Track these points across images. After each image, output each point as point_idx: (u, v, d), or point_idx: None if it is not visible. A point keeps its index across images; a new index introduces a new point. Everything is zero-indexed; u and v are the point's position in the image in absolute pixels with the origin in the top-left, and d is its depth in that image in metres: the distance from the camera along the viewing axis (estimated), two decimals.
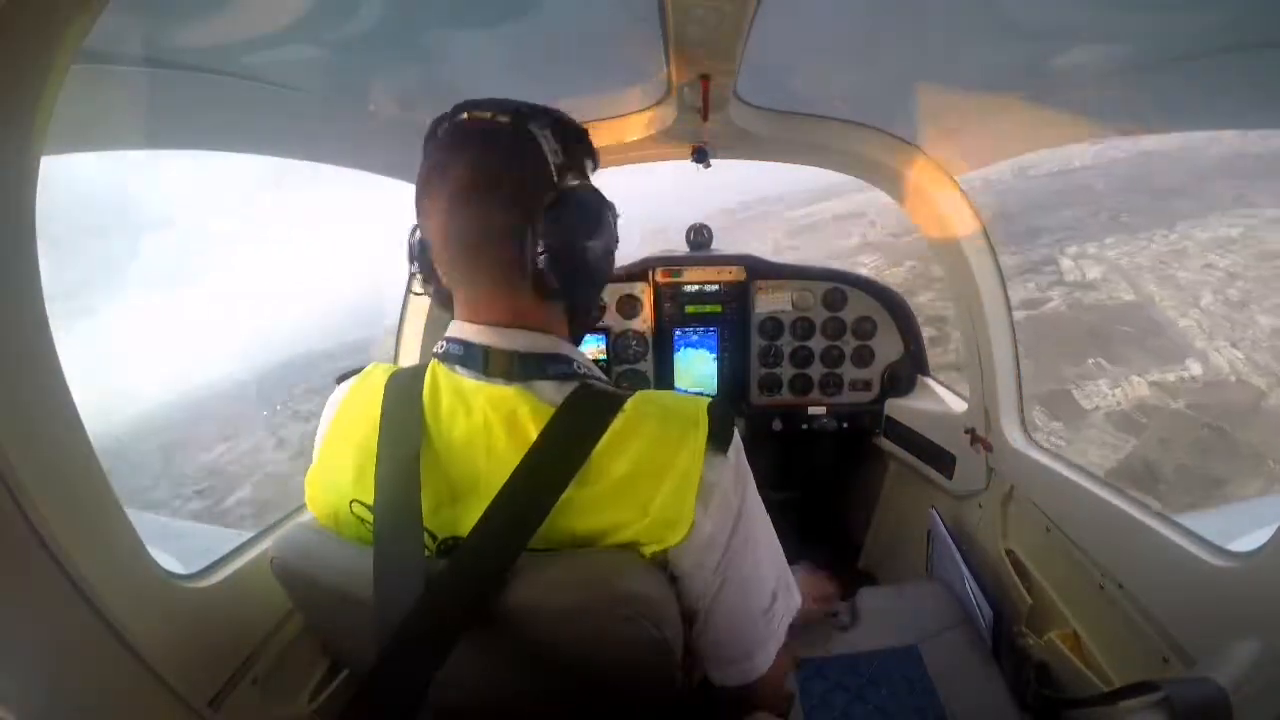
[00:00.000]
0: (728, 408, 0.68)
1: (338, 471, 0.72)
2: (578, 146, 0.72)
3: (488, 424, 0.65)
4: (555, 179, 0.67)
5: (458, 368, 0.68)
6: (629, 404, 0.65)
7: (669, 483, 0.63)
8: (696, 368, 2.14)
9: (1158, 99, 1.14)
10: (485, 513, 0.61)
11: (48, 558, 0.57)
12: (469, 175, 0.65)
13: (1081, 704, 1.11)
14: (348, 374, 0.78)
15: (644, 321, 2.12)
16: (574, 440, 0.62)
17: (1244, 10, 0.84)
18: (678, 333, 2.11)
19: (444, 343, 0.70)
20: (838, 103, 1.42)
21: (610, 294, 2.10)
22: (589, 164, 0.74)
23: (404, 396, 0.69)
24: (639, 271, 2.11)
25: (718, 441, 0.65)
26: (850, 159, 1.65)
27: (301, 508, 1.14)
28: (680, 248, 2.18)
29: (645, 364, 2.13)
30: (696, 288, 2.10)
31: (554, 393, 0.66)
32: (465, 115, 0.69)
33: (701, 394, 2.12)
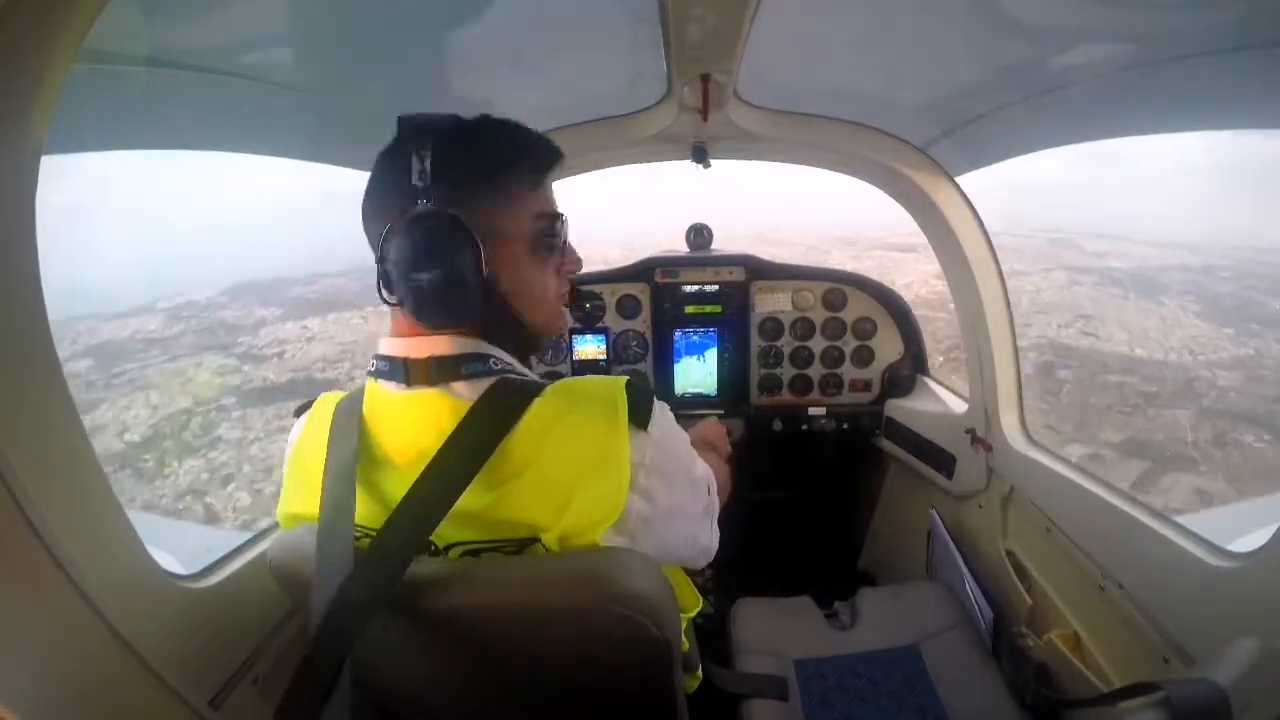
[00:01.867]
0: (644, 382, 0.70)
1: (298, 498, 0.74)
2: (476, 164, 0.69)
3: (417, 429, 0.67)
4: (410, 202, 0.65)
5: (383, 381, 0.70)
6: (545, 393, 0.67)
7: (597, 468, 0.64)
8: (696, 368, 2.14)
9: (1158, 99, 1.14)
10: (397, 505, 0.63)
11: (48, 558, 0.57)
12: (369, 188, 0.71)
13: (1081, 704, 1.11)
14: (303, 407, 0.80)
15: (644, 322, 2.12)
16: (484, 429, 0.64)
17: (1246, 10, 0.84)
18: (678, 333, 2.11)
19: (373, 360, 0.73)
20: (838, 103, 1.42)
21: (610, 294, 2.11)
22: (509, 177, 0.71)
23: (346, 417, 0.71)
24: (639, 272, 2.11)
25: (639, 418, 0.66)
26: (850, 159, 1.65)
27: None
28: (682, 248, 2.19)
29: (645, 364, 2.13)
30: (696, 288, 2.10)
31: (469, 390, 0.68)
32: (418, 127, 0.68)
33: (701, 395, 2.13)
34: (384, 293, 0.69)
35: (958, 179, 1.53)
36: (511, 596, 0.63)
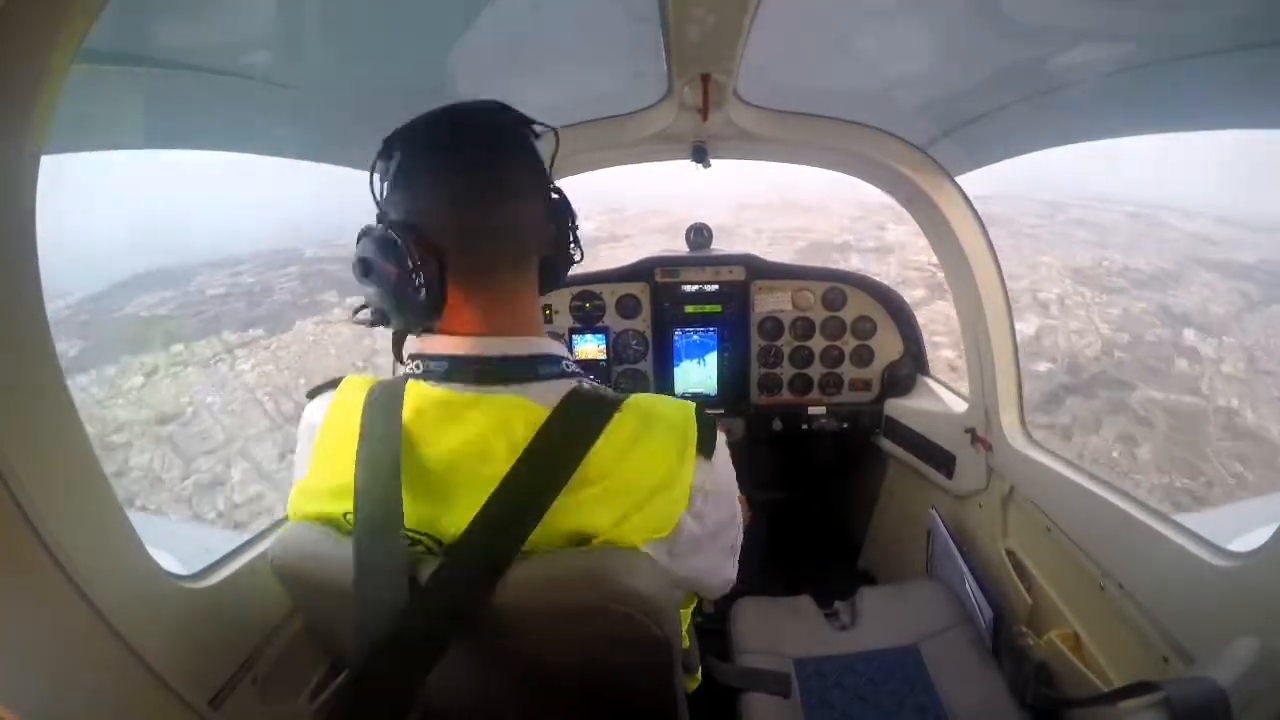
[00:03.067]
0: (708, 414, 0.71)
1: (322, 486, 0.71)
2: (551, 154, 0.76)
3: (482, 432, 0.65)
4: (548, 181, 0.72)
5: (444, 384, 0.67)
6: (623, 408, 0.66)
7: (664, 488, 0.66)
8: (696, 368, 2.14)
9: (1158, 99, 1.14)
10: (479, 514, 0.61)
11: (48, 558, 0.57)
12: (475, 173, 0.66)
13: (1081, 704, 1.11)
14: (320, 388, 0.78)
15: (644, 321, 2.12)
16: (568, 443, 0.63)
17: (1246, 9, 0.84)
18: (678, 333, 2.11)
19: (420, 361, 0.69)
20: (838, 102, 1.42)
21: (610, 294, 2.11)
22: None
23: (382, 410, 0.68)
24: (639, 271, 2.11)
25: (705, 448, 0.69)
26: (850, 159, 1.65)
27: None
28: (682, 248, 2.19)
29: (645, 364, 2.13)
30: (696, 287, 2.10)
31: (547, 394, 0.66)
32: (456, 115, 0.69)
33: (701, 394, 2.13)
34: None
35: (958, 179, 1.53)
36: (513, 595, 0.63)
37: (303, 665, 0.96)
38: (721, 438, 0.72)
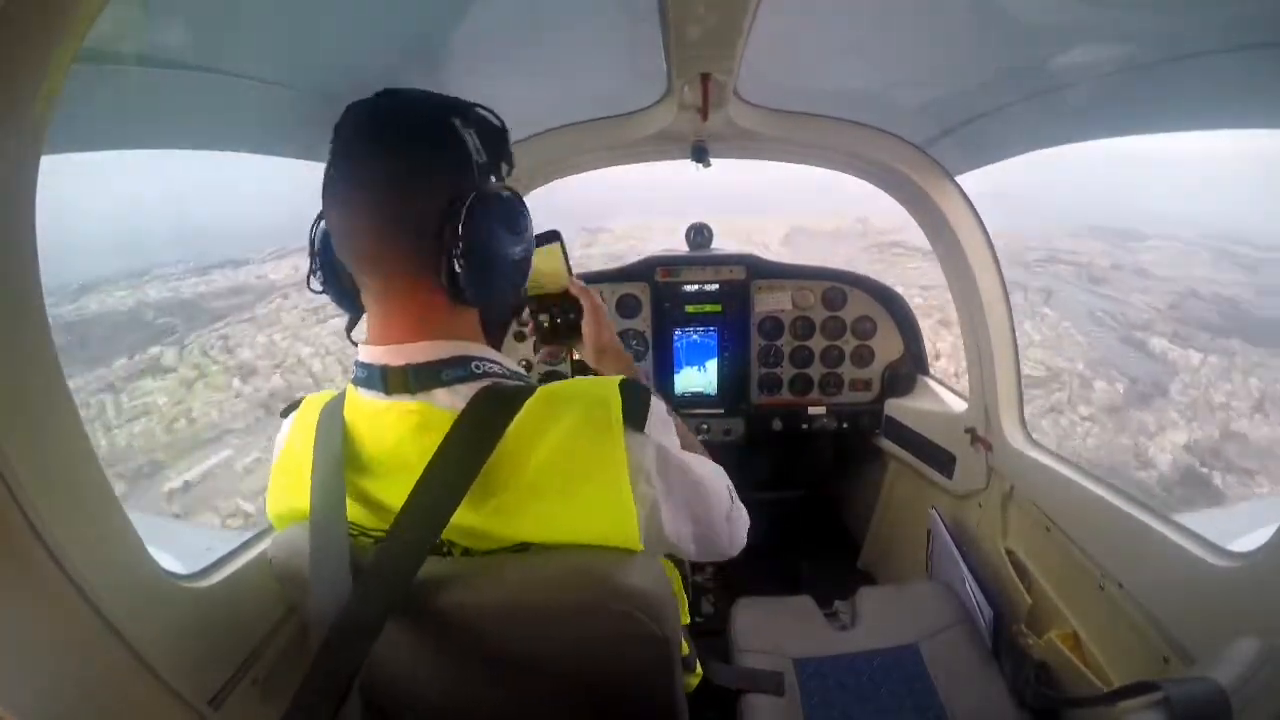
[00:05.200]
0: (638, 383, 0.68)
1: (287, 497, 0.75)
2: (499, 147, 0.72)
3: (398, 440, 0.66)
4: (476, 178, 0.66)
5: (363, 390, 0.69)
6: (533, 397, 0.65)
7: (597, 474, 0.63)
8: (696, 367, 2.14)
9: (1158, 99, 1.14)
10: (396, 517, 0.62)
11: (48, 558, 0.57)
12: (388, 166, 0.63)
13: (1081, 704, 1.11)
14: (290, 408, 0.81)
15: (644, 321, 2.12)
16: (469, 447, 0.62)
17: (1246, 10, 0.84)
18: (678, 332, 2.11)
19: (355, 366, 0.71)
20: (838, 102, 1.42)
21: (610, 294, 2.11)
22: (504, 167, 0.74)
23: (329, 422, 0.71)
24: (639, 271, 2.10)
25: (634, 419, 0.64)
26: (850, 159, 1.65)
27: None
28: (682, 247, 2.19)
29: (645, 364, 2.13)
30: (696, 287, 2.10)
31: (452, 399, 0.66)
32: (385, 102, 0.68)
33: (701, 394, 2.13)
34: (442, 275, 0.65)
35: (958, 178, 1.53)
36: (511, 594, 0.63)
37: (303, 665, 0.96)
38: (658, 404, 0.69)
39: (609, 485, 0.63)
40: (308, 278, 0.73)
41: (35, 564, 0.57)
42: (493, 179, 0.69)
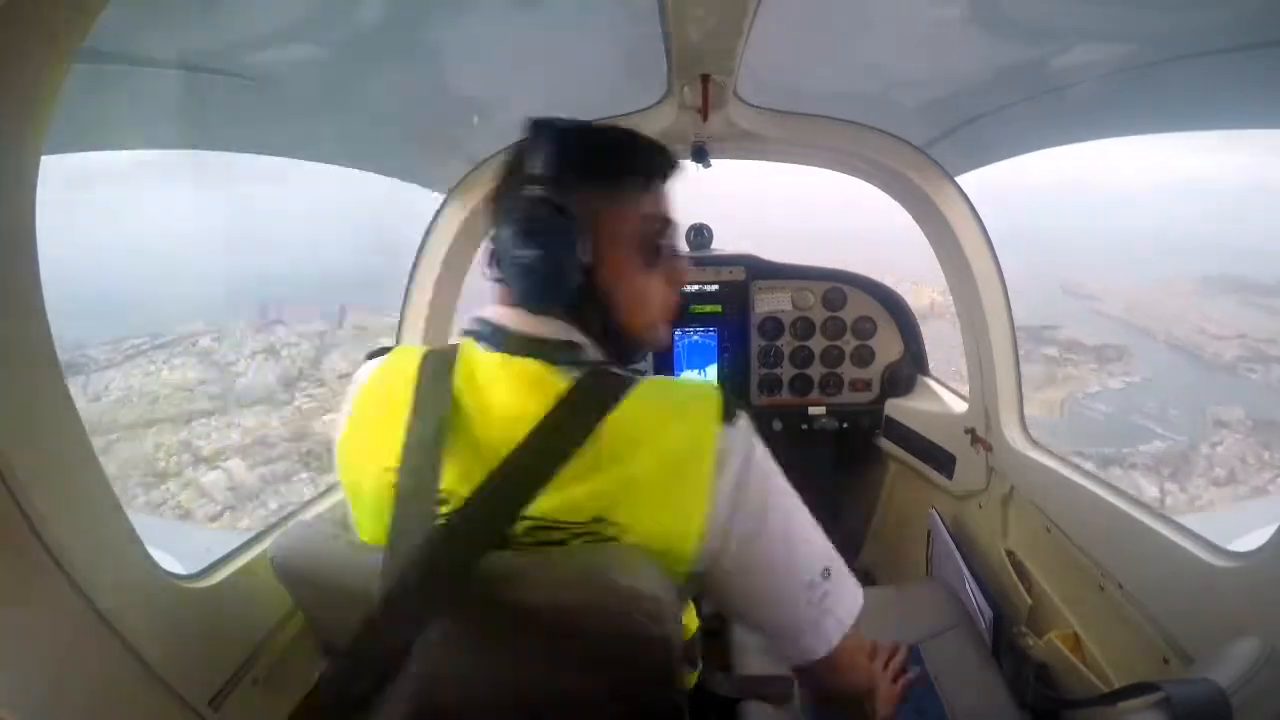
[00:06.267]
0: (733, 393, 0.70)
1: (368, 441, 0.72)
2: (587, 162, 0.72)
3: (508, 392, 0.67)
4: (518, 187, 0.69)
5: (480, 345, 0.71)
6: (639, 384, 0.67)
7: (685, 459, 0.64)
8: (696, 368, 2.14)
9: (1158, 99, 1.14)
10: (485, 478, 0.62)
11: (48, 558, 0.57)
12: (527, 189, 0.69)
13: (1081, 704, 1.11)
14: (376, 352, 0.80)
15: None
16: (580, 414, 0.64)
17: (1246, 10, 0.84)
18: (678, 333, 2.11)
19: (473, 321, 0.73)
20: (838, 103, 1.42)
21: None
22: (622, 180, 0.73)
23: (438, 370, 0.71)
24: None
25: (727, 415, 0.66)
26: (850, 159, 1.65)
27: (302, 506, 1.14)
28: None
29: (645, 364, 2.13)
30: (696, 288, 2.10)
31: (565, 373, 0.68)
32: (542, 126, 0.72)
33: None
34: (490, 269, 0.72)
35: (958, 179, 1.53)
36: (529, 596, 0.63)
37: (303, 665, 0.96)
38: (747, 417, 0.69)
39: (695, 454, 0.64)
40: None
41: (35, 564, 0.57)
42: (552, 193, 0.70)
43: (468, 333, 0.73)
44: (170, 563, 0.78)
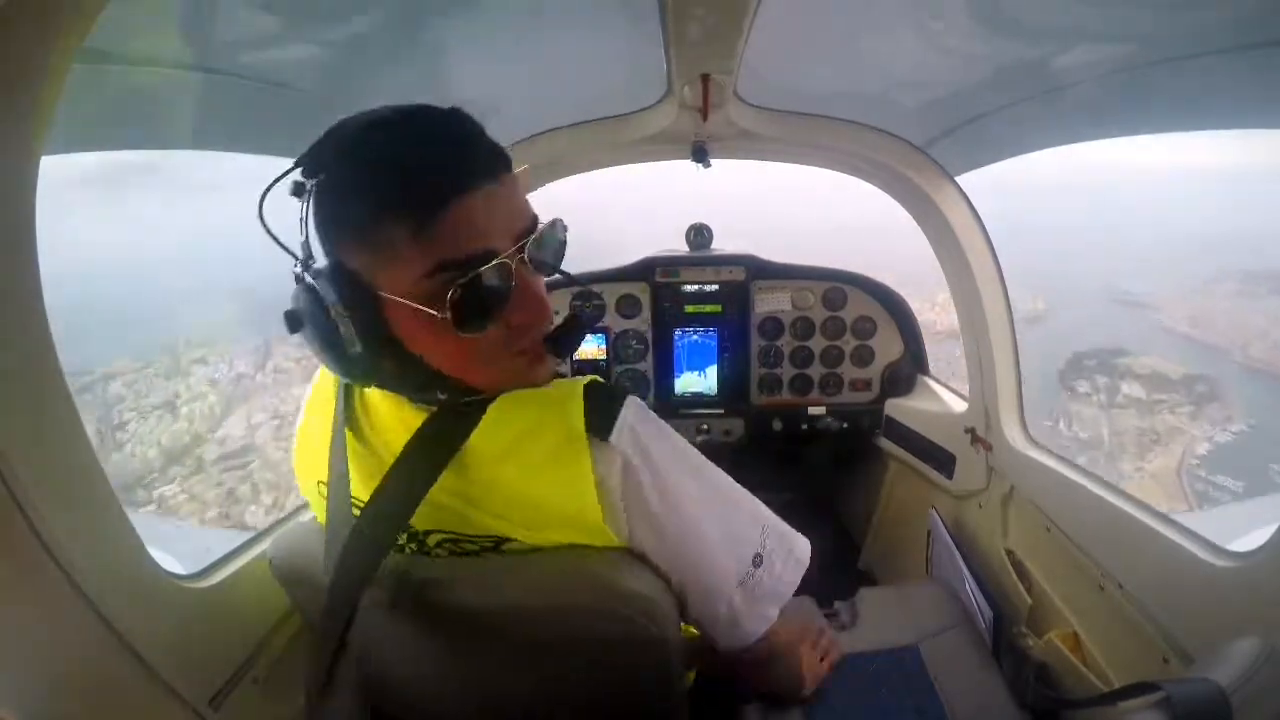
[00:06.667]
0: (610, 385, 0.63)
1: (309, 453, 0.75)
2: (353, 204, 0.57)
3: (384, 421, 0.69)
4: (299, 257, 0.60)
5: None
6: (496, 402, 0.62)
7: (560, 484, 0.60)
8: (696, 368, 2.14)
9: (1158, 99, 1.14)
10: (368, 503, 0.63)
11: (48, 558, 0.57)
12: None
13: (1081, 704, 1.11)
14: None
15: (644, 321, 2.12)
16: (437, 443, 0.62)
17: (1246, 10, 0.84)
18: (677, 333, 2.11)
19: None
20: (838, 102, 1.42)
21: (610, 294, 2.11)
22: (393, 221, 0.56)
23: (345, 393, 0.72)
24: (639, 271, 2.10)
25: (597, 428, 0.58)
26: (850, 159, 1.65)
27: (301, 508, 1.14)
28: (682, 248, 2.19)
29: (645, 364, 2.13)
30: (696, 288, 2.10)
31: (425, 407, 0.67)
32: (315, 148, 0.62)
33: (701, 395, 2.13)
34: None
35: (958, 179, 1.53)
36: (509, 595, 0.63)
37: (303, 665, 0.96)
38: (632, 406, 0.62)
39: (574, 496, 0.60)
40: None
41: (35, 564, 0.57)
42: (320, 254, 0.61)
43: None
44: (170, 563, 0.78)
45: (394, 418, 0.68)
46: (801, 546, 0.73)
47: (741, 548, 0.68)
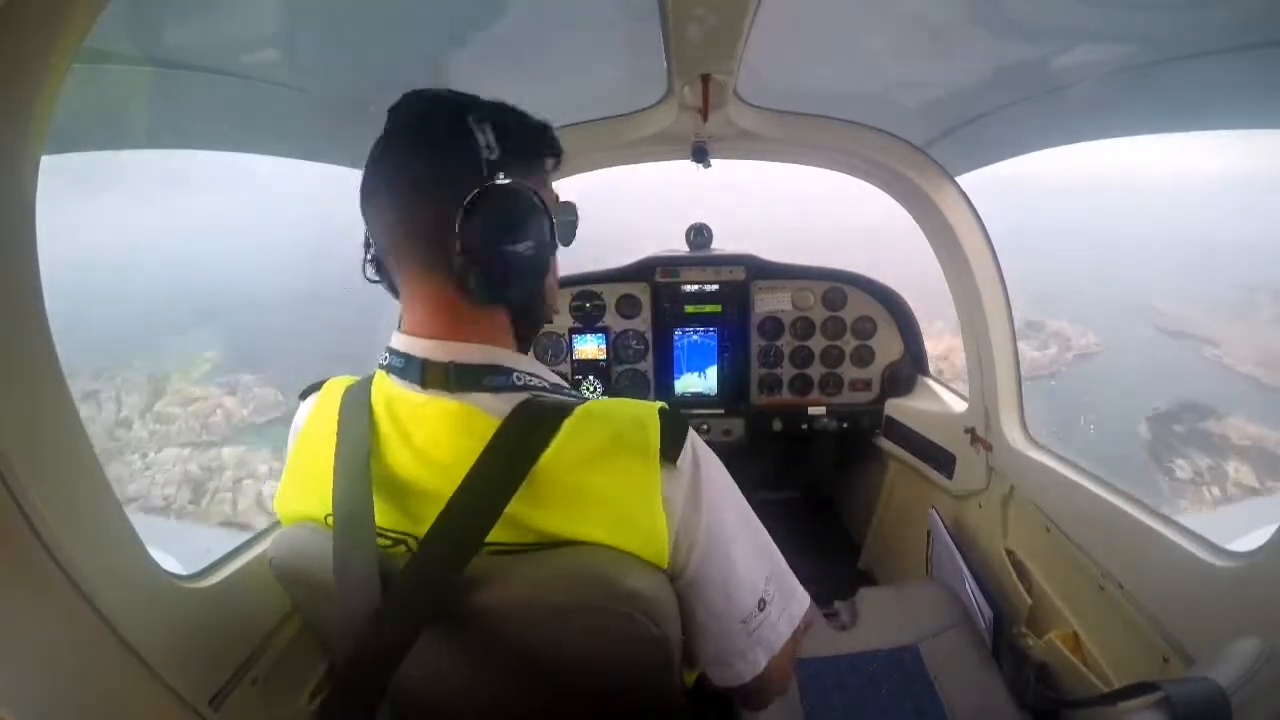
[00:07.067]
0: (678, 413, 0.66)
1: (304, 488, 0.73)
2: (524, 144, 0.69)
3: (435, 436, 0.65)
4: (484, 174, 0.63)
5: (397, 380, 0.68)
6: (574, 415, 0.64)
7: (632, 499, 0.62)
8: (696, 367, 2.14)
9: (1158, 99, 1.14)
10: (436, 521, 0.62)
11: (48, 558, 0.57)
12: (399, 167, 0.66)
13: (1081, 704, 1.11)
14: (310, 389, 0.79)
15: (644, 321, 2.12)
16: (517, 453, 0.62)
17: (1246, 10, 0.84)
18: (678, 333, 2.11)
19: (386, 353, 0.70)
20: (838, 102, 1.42)
21: (610, 294, 2.11)
22: (545, 162, 0.73)
23: (356, 408, 0.69)
24: (639, 271, 2.11)
25: (668, 453, 0.63)
26: (850, 159, 1.65)
27: None
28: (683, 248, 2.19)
29: (645, 364, 2.13)
30: (696, 287, 2.10)
31: (496, 404, 0.65)
32: (405, 104, 0.69)
33: (701, 395, 2.13)
34: (450, 269, 0.65)
35: (958, 179, 1.53)
36: (511, 594, 0.63)
37: (303, 665, 0.96)
38: (695, 437, 0.67)
39: (647, 510, 0.63)
40: (362, 266, 0.74)
41: (35, 564, 0.57)
42: (506, 176, 0.65)
43: (382, 367, 0.70)
44: (170, 563, 0.78)
45: (451, 427, 0.65)
46: (799, 601, 0.76)
47: (754, 593, 0.71)
